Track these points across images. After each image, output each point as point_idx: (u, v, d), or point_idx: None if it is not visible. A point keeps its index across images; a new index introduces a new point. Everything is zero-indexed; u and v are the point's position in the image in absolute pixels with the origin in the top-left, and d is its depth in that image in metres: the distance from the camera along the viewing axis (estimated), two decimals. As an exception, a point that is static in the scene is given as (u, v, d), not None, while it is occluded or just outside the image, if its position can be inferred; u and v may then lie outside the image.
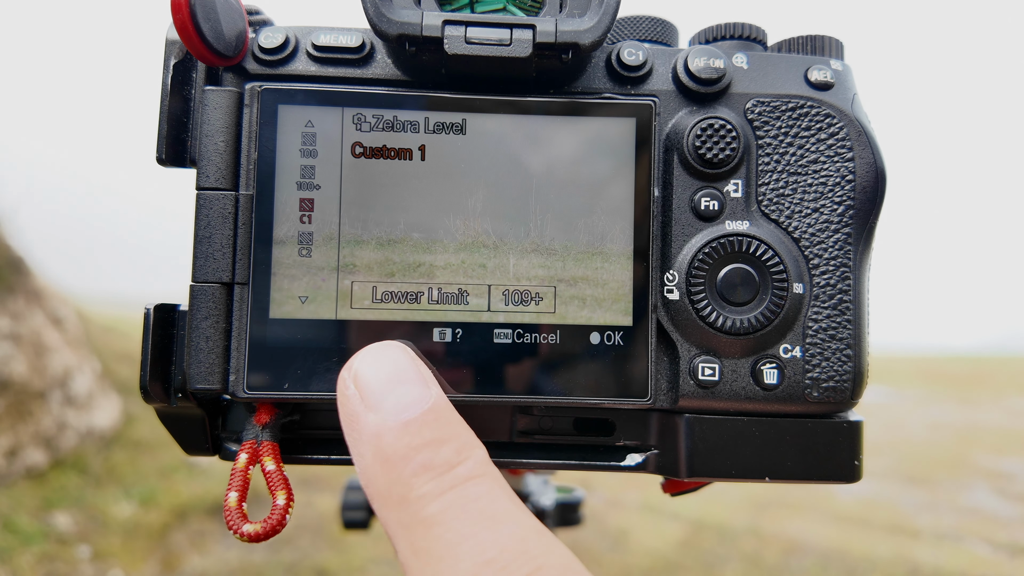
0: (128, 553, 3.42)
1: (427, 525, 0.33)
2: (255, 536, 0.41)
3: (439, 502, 0.33)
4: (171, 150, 0.46)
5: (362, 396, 0.37)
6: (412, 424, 0.36)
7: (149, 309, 0.45)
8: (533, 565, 0.31)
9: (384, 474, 0.35)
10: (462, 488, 0.34)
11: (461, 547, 0.31)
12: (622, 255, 0.46)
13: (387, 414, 0.36)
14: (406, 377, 0.38)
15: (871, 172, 0.47)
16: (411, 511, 0.33)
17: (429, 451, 0.35)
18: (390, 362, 0.39)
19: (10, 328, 3.89)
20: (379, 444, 0.35)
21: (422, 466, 0.34)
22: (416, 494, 0.34)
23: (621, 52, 0.47)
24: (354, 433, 0.37)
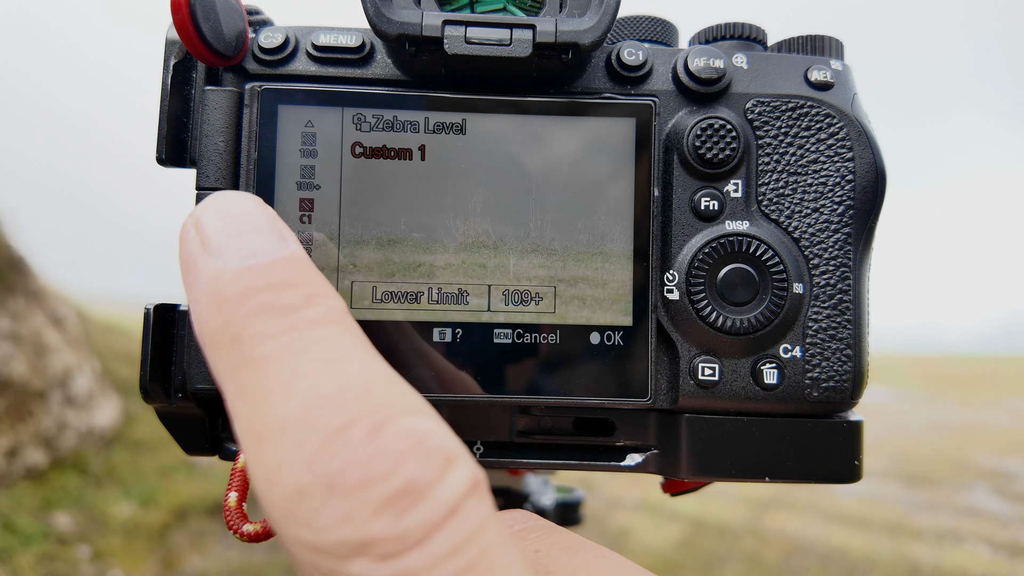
0: (128, 553, 3.42)
1: (258, 364, 0.29)
2: (255, 536, 0.41)
3: (275, 341, 0.29)
4: (171, 150, 0.46)
5: (202, 240, 0.33)
6: (256, 268, 0.31)
7: (149, 309, 0.45)
8: (375, 403, 0.27)
9: (216, 315, 0.30)
10: (305, 330, 0.29)
11: (293, 384, 0.27)
12: (622, 255, 0.46)
13: (228, 259, 0.31)
14: (257, 227, 0.33)
15: (871, 172, 0.47)
16: (241, 351, 0.29)
17: (271, 293, 0.30)
18: (238, 209, 0.34)
19: (10, 328, 3.89)
20: (215, 286, 0.31)
21: (261, 306, 0.30)
22: (249, 332, 0.29)
23: (621, 52, 0.47)
24: (190, 278, 0.33)
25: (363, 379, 0.28)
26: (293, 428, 0.27)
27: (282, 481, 0.26)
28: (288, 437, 0.26)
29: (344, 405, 0.27)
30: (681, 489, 0.55)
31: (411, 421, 0.27)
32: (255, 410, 0.28)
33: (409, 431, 0.27)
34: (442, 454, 0.27)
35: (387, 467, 0.25)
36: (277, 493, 0.26)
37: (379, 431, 0.26)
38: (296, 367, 0.28)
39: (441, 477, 0.26)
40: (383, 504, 0.25)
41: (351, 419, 0.26)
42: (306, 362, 0.28)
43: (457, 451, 0.27)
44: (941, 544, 4.18)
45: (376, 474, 0.25)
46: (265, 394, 0.28)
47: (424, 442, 0.27)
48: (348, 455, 0.26)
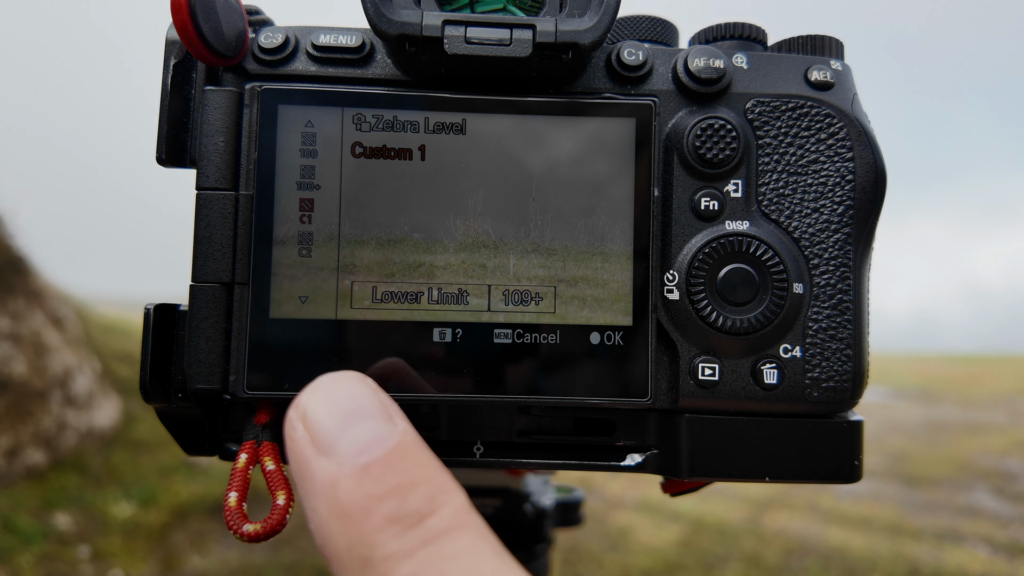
0: (128, 553, 3.42)
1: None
2: (255, 536, 0.41)
3: (410, 563, 0.27)
4: (171, 150, 0.46)
5: (313, 438, 0.31)
6: (374, 467, 0.30)
7: (149, 309, 0.45)
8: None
9: (343, 532, 0.29)
10: (437, 544, 0.28)
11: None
12: (622, 255, 0.46)
13: (343, 457, 0.30)
14: (366, 412, 0.32)
15: (871, 172, 0.47)
16: (376, 575, 0.28)
17: (395, 500, 0.29)
18: (345, 396, 0.33)
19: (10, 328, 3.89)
20: (334, 495, 0.29)
21: (387, 519, 0.28)
22: (381, 554, 0.28)
23: (621, 52, 0.47)
24: (306, 484, 0.31)
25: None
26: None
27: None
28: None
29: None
30: (681, 489, 0.55)
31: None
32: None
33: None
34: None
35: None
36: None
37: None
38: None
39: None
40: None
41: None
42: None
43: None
44: (941, 544, 4.18)
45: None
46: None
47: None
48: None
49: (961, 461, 6.20)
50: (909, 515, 4.70)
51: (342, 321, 0.45)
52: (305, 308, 0.45)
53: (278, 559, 3.47)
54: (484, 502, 0.82)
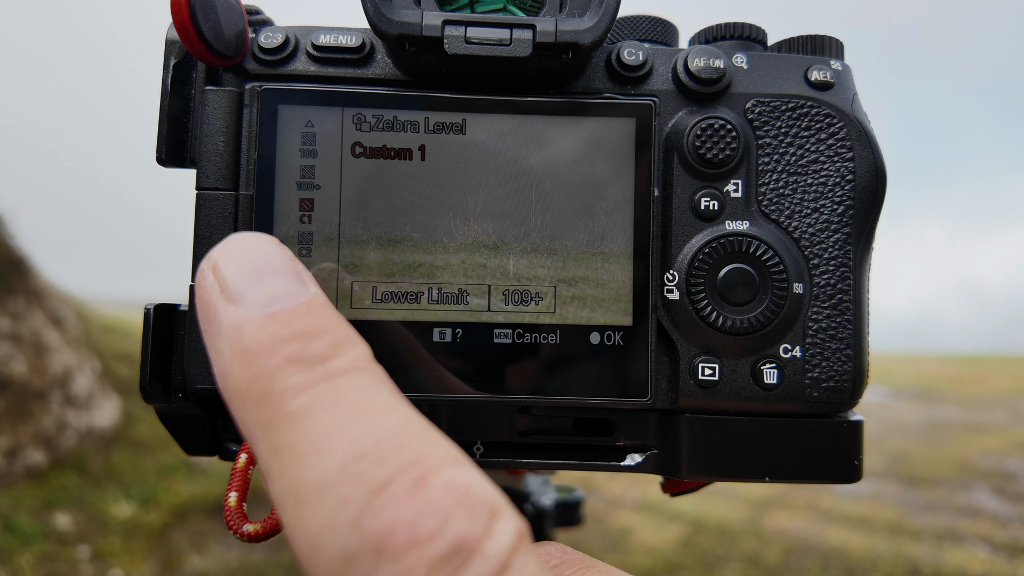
0: (128, 553, 3.42)
1: (291, 420, 0.27)
2: (255, 536, 0.41)
3: (306, 395, 0.28)
4: (171, 150, 0.46)
5: (222, 287, 0.31)
6: (280, 316, 0.30)
7: (149, 309, 0.45)
8: (412, 455, 0.26)
9: (244, 370, 0.29)
10: (336, 380, 0.28)
11: (329, 440, 0.26)
12: (622, 255, 0.46)
13: (251, 306, 0.30)
14: (278, 270, 0.32)
15: (871, 172, 0.47)
16: (273, 407, 0.28)
17: (298, 343, 0.29)
18: (259, 253, 0.33)
19: (10, 328, 3.89)
20: (239, 336, 0.30)
21: (289, 358, 0.29)
22: (280, 387, 0.28)
23: (621, 52, 0.47)
24: (211, 328, 0.31)
25: (398, 430, 0.27)
26: (333, 488, 0.25)
27: (327, 546, 0.25)
28: (329, 498, 0.25)
29: (382, 460, 0.26)
30: (681, 489, 0.55)
31: (451, 472, 0.26)
32: (291, 470, 0.27)
33: (451, 484, 0.26)
34: (486, 506, 0.26)
35: (435, 525, 0.24)
36: (322, 559, 0.25)
37: (421, 485, 0.25)
38: (330, 422, 0.27)
39: (489, 531, 0.25)
40: (436, 564, 0.24)
41: (391, 474, 0.25)
42: (339, 415, 0.27)
43: (499, 502, 0.27)
44: (941, 544, 4.18)
45: (424, 533, 0.24)
46: (301, 453, 0.27)
47: (467, 495, 0.26)
48: (393, 514, 0.24)
49: (961, 461, 6.20)
50: (909, 515, 4.70)
51: (342, 321, 0.45)
52: (305, 308, 0.44)
53: (278, 559, 3.47)
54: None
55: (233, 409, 0.30)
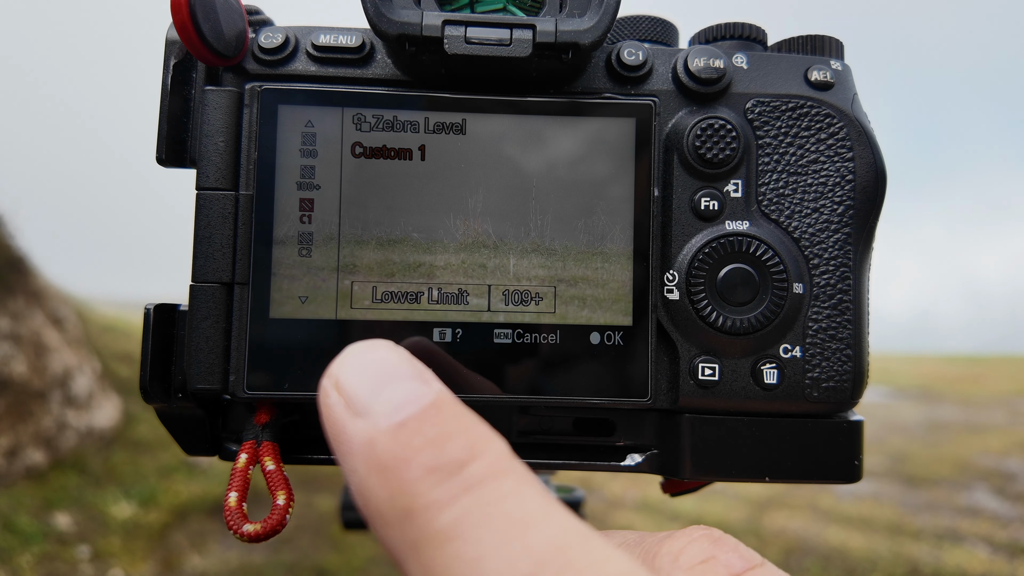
0: (128, 553, 3.42)
1: (440, 541, 0.26)
2: (255, 536, 0.41)
3: (452, 510, 0.27)
4: (171, 150, 0.46)
5: (347, 402, 0.31)
6: (410, 423, 0.29)
7: (149, 309, 0.45)
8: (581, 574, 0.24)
9: (382, 486, 0.28)
10: (480, 490, 0.27)
11: (486, 564, 0.25)
12: (622, 255, 0.46)
13: (378, 417, 0.30)
14: (398, 374, 0.32)
15: (871, 172, 0.47)
16: (418, 525, 0.27)
17: (433, 450, 0.28)
18: (377, 360, 0.32)
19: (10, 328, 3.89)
20: (372, 452, 0.29)
21: (426, 469, 0.28)
22: (422, 503, 0.27)
23: (621, 52, 0.47)
24: (342, 446, 0.31)
25: (557, 544, 0.25)
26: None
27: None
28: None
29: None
30: (681, 489, 0.55)
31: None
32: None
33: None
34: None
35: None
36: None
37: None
38: (483, 541, 0.26)
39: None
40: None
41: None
42: (491, 533, 0.26)
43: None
44: (941, 544, 4.18)
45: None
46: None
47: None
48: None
49: (961, 461, 6.20)
50: (909, 515, 4.70)
51: (342, 321, 0.45)
52: (305, 308, 0.45)
53: (278, 559, 3.47)
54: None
55: (376, 528, 0.29)
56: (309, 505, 3.94)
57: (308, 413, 0.49)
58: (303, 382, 0.44)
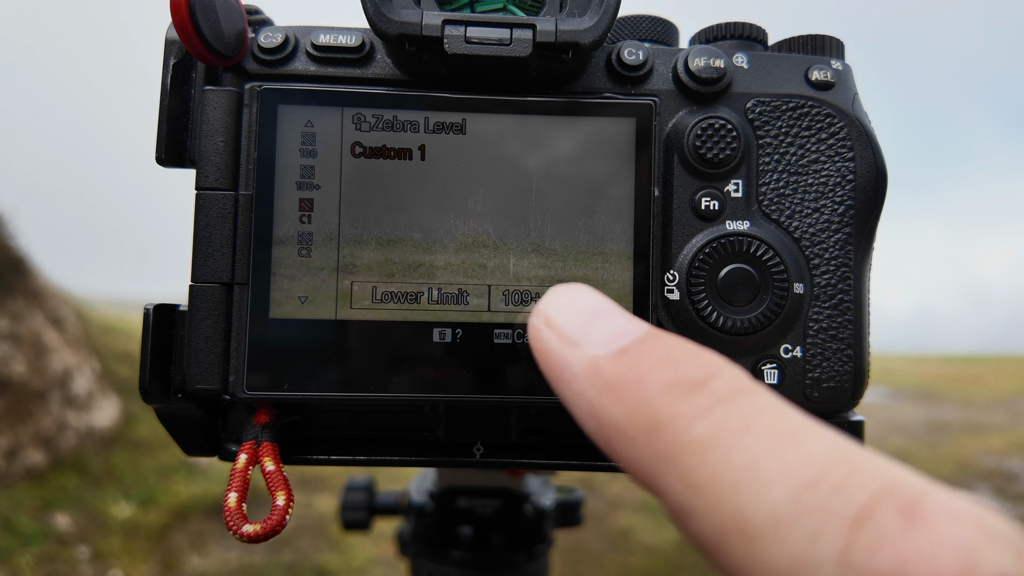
0: (128, 553, 3.42)
1: (700, 449, 0.25)
2: (255, 536, 0.41)
3: (707, 420, 0.26)
4: (171, 150, 0.46)
5: (560, 336, 0.31)
6: (632, 347, 0.29)
7: (149, 309, 0.45)
8: (878, 482, 0.23)
9: (618, 403, 0.28)
10: (731, 403, 0.26)
11: (762, 469, 0.24)
12: (622, 255, 0.46)
13: (595, 346, 0.30)
14: (607, 310, 0.32)
15: (872, 172, 0.47)
16: (669, 436, 0.26)
17: (667, 369, 0.27)
18: (584, 298, 0.33)
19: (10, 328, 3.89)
20: (598, 374, 0.29)
21: (665, 384, 0.27)
22: (669, 414, 0.26)
23: (621, 52, 0.47)
24: (563, 377, 0.31)
25: (838, 453, 0.25)
26: (792, 521, 0.23)
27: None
28: (792, 532, 0.23)
29: (841, 488, 0.23)
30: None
31: (941, 498, 0.23)
32: (724, 504, 0.24)
33: (951, 511, 0.22)
34: (1007, 540, 0.22)
35: (959, 560, 0.21)
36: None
37: (914, 515, 0.22)
38: (752, 449, 0.25)
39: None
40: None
41: (866, 504, 0.23)
42: (759, 442, 0.25)
43: (1016, 532, 0.23)
44: (941, 544, 4.17)
45: (952, 571, 0.21)
46: (732, 485, 0.24)
47: (982, 522, 0.23)
48: (897, 549, 0.21)
49: (962, 461, 6.19)
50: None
51: (342, 321, 0.45)
52: (305, 308, 0.44)
53: (278, 559, 3.47)
54: (484, 502, 0.82)
55: (616, 447, 0.29)
56: (309, 505, 3.93)
57: (308, 413, 0.49)
58: (303, 382, 0.44)
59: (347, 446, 0.49)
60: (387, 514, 0.93)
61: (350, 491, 0.95)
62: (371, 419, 0.50)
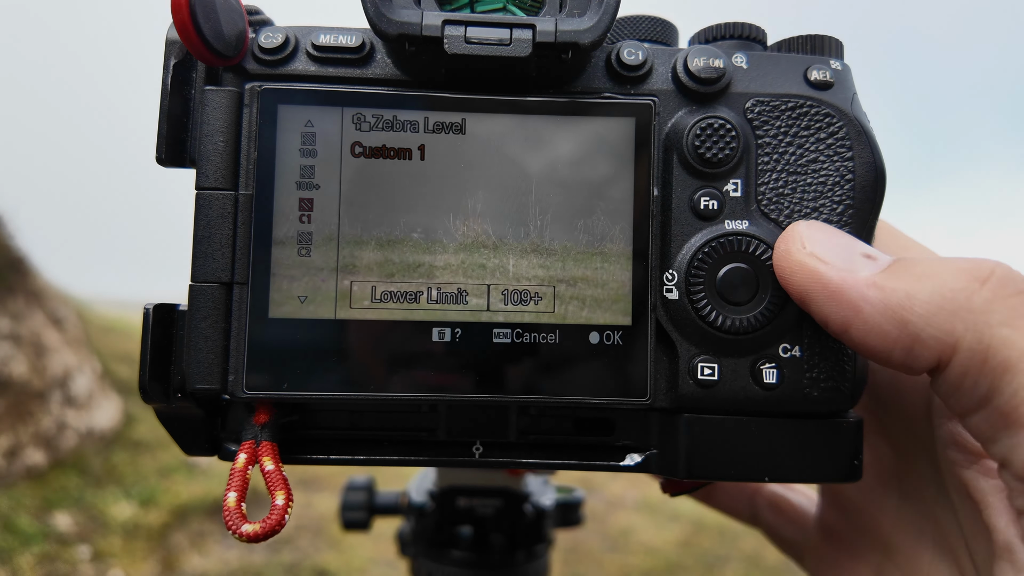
0: (128, 553, 3.42)
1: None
2: (254, 536, 0.41)
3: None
4: (171, 150, 0.46)
5: (826, 262, 0.41)
6: (894, 267, 0.39)
7: (149, 309, 0.45)
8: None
9: (934, 285, 0.37)
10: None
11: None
12: (621, 255, 0.46)
13: (868, 270, 0.39)
14: (854, 243, 0.42)
15: (870, 171, 0.47)
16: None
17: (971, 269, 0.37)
18: (830, 231, 0.43)
19: (10, 328, 3.89)
20: (880, 283, 0.39)
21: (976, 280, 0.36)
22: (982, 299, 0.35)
23: (621, 52, 0.47)
24: (841, 290, 0.40)
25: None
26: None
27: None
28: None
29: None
30: (681, 489, 0.55)
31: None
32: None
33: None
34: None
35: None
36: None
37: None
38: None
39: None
40: None
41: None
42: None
43: None
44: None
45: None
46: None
47: None
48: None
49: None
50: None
51: (341, 321, 0.45)
52: (304, 308, 0.45)
53: (278, 559, 3.47)
54: (484, 502, 0.82)
55: (948, 317, 0.36)
56: (309, 505, 3.94)
57: (307, 413, 0.49)
58: (302, 382, 0.44)
59: (347, 446, 0.49)
60: (387, 514, 0.93)
61: (350, 491, 0.95)
62: (370, 419, 0.50)
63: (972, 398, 0.36)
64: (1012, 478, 0.35)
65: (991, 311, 0.35)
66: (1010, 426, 0.34)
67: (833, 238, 0.42)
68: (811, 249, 0.41)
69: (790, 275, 0.42)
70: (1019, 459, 0.33)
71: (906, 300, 0.37)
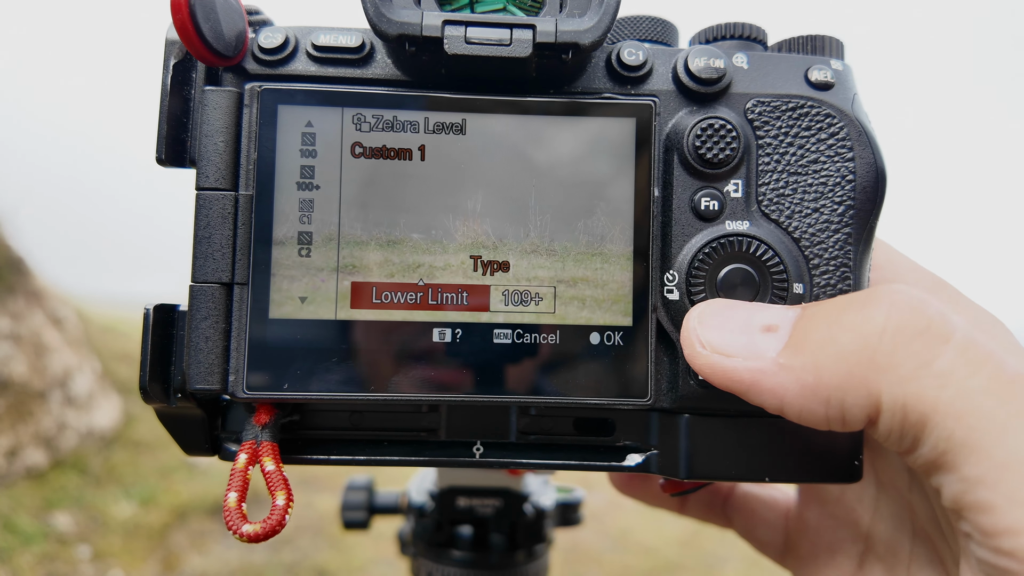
0: (128, 553, 3.42)
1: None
2: (255, 536, 0.41)
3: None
4: (171, 150, 0.46)
5: (730, 355, 0.40)
6: (804, 329, 0.39)
7: (149, 309, 0.45)
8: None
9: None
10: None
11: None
12: (622, 255, 0.46)
13: (772, 348, 0.39)
14: (754, 315, 0.41)
15: (871, 172, 0.47)
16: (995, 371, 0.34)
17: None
18: (727, 309, 0.42)
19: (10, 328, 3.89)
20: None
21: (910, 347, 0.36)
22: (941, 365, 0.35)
23: (621, 52, 0.47)
24: (756, 387, 0.39)
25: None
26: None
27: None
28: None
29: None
30: (681, 489, 0.55)
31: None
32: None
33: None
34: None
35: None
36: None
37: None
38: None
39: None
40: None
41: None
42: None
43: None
44: (941, 544, 4.17)
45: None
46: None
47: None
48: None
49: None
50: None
51: (342, 321, 0.45)
52: (305, 308, 0.45)
53: (278, 559, 3.47)
54: (484, 502, 0.82)
55: (860, 383, 0.36)
56: (309, 505, 3.94)
57: (307, 413, 0.49)
58: (303, 382, 0.44)
59: (347, 446, 0.49)
60: (387, 514, 0.93)
61: (350, 491, 0.95)
62: (371, 419, 0.50)
63: (903, 446, 0.37)
64: (948, 508, 0.36)
65: (896, 366, 0.35)
66: (938, 469, 0.35)
67: (729, 321, 0.41)
68: (711, 344, 0.40)
69: (707, 376, 0.41)
70: (948, 495, 0.35)
71: (816, 377, 0.37)
